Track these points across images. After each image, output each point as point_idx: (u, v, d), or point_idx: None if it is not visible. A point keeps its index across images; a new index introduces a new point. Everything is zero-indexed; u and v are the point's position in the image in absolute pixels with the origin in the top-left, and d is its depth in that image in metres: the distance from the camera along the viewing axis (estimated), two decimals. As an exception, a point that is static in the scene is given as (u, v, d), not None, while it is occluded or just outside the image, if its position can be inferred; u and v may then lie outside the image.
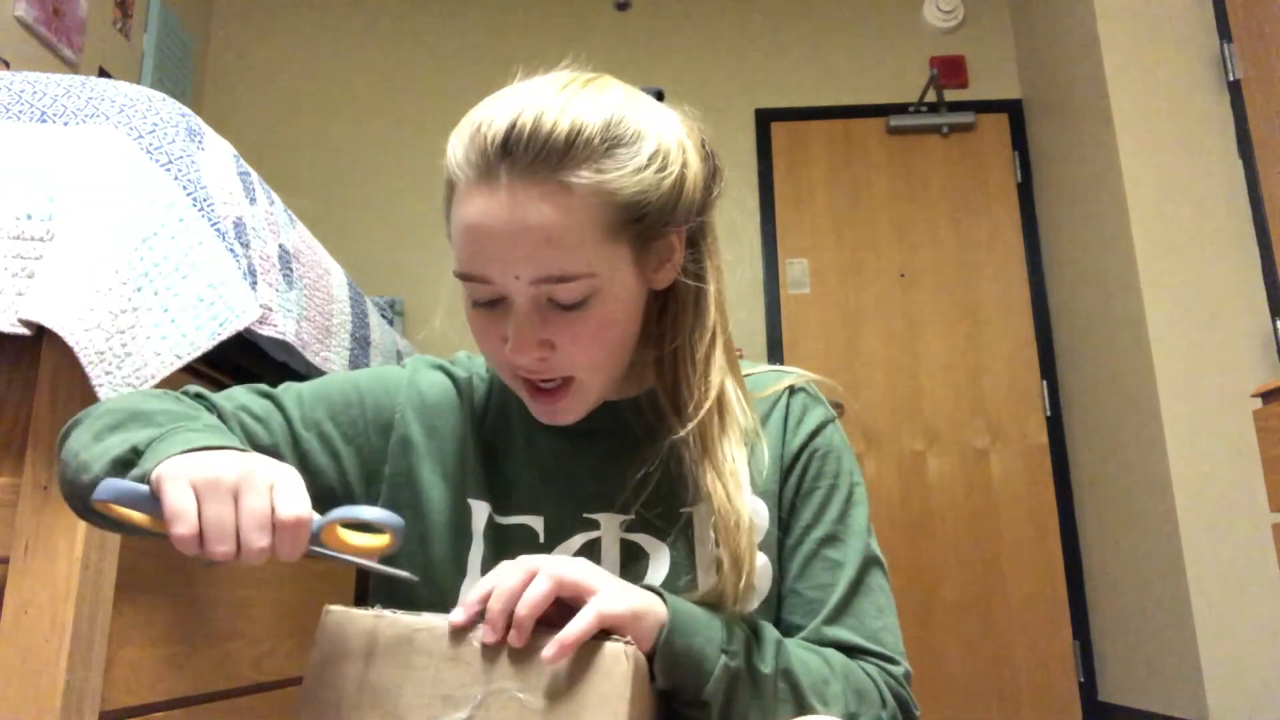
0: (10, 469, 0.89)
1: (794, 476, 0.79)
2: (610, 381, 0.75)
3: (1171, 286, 2.61)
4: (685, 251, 0.76)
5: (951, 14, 3.68)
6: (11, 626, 0.84)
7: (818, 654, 0.72)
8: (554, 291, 0.68)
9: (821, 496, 0.79)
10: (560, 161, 0.66)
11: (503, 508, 0.79)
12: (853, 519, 0.79)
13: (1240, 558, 2.40)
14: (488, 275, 0.68)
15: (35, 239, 0.91)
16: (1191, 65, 2.73)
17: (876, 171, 3.59)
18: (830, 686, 0.70)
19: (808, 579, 0.76)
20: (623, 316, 0.72)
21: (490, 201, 0.66)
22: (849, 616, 0.75)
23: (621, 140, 0.68)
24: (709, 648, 0.65)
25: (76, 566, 0.86)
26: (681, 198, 0.72)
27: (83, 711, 0.86)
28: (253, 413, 0.78)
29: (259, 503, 0.57)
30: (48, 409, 0.89)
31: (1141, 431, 2.65)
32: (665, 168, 0.70)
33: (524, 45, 3.75)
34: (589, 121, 0.67)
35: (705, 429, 0.74)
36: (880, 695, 0.72)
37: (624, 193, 0.68)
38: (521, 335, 0.69)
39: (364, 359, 1.56)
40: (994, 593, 3.20)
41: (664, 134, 0.72)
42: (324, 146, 3.69)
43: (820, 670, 0.70)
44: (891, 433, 3.35)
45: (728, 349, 0.78)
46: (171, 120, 1.04)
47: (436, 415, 0.82)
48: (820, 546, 0.77)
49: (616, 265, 0.70)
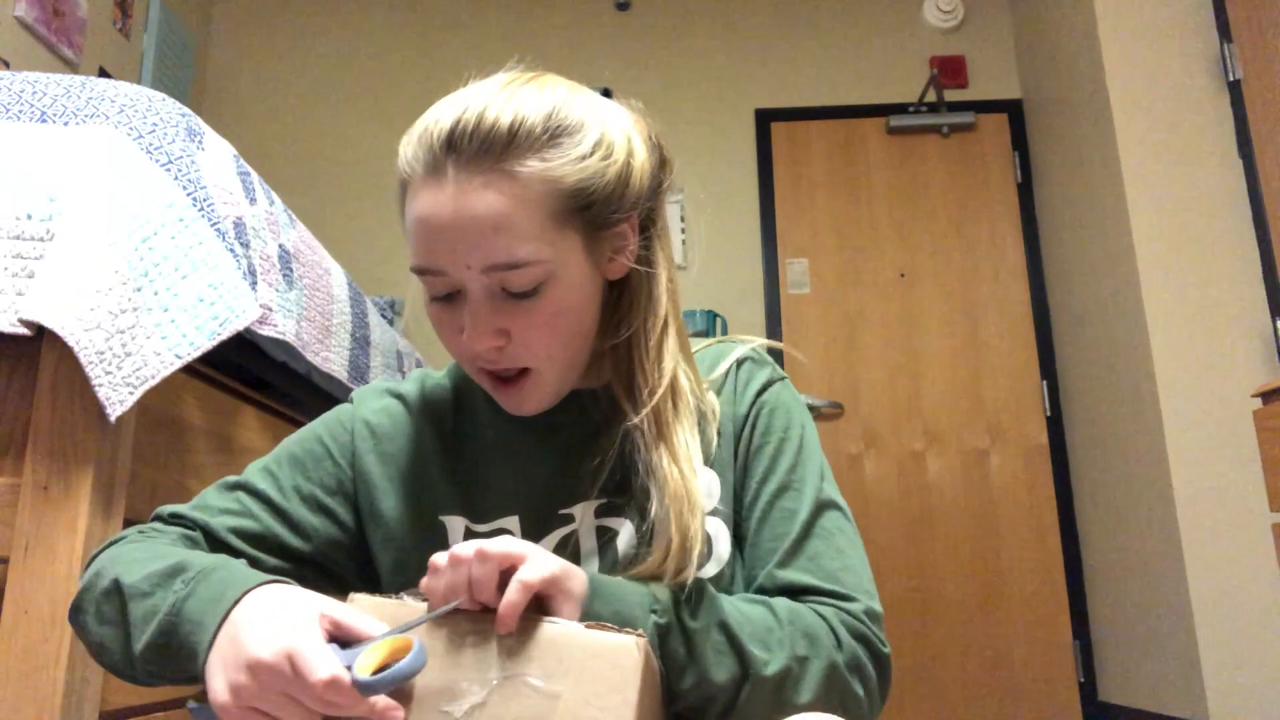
0: (10, 469, 0.89)
1: (744, 437, 0.79)
2: (570, 371, 0.76)
3: (1171, 286, 2.61)
4: (638, 240, 0.77)
5: (951, 14, 3.68)
6: (11, 626, 0.84)
7: (761, 603, 0.71)
8: (506, 279, 0.69)
9: (772, 450, 0.79)
10: (504, 152, 0.68)
11: (479, 515, 0.79)
12: (805, 467, 0.78)
13: (1240, 558, 2.40)
14: (441, 267, 0.70)
15: (35, 239, 0.91)
16: (1191, 65, 2.73)
17: (876, 171, 3.59)
18: (773, 634, 0.68)
19: (765, 531, 0.76)
20: (576, 304, 0.73)
21: (439, 194, 0.69)
22: (801, 558, 0.74)
23: (563, 130, 0.70)
24: (636, 610, 0.65)
25: (76, 566, 0.86)
26: (629, 186, 0.74)
27: (83, 711, 0.86)
28: (233, 512, 0.78)
29: (296, 689, 0.56)
30: (48, 409, 0.89)
31: (1141, 431, 2.65)
32: (609, 156, 0.72)
33: (524, 45, 3.75)
34: (530, 113, 0.69)
35: (660, 414, 0.75)
36: (835, 636, 0.70)
37: (568, 180, 0.70)
38: (477, 323, 0.70)
39: (364, 359, 1.57)
40: (994, 593, 3.20)
41: (607, 125, 0.74)
42: (324, 146, 3.69)
43: (762, 619, 0.69)
44: (891, 433, 3.35)
45: (680, 334, 0.79)
46: (171, 120, 1.04)
47: (388, 441, 0.82)
48: (775, 498, 0.77)
49: (567, 253, 0.71)
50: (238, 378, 1.25)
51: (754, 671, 0.66)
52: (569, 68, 0.79)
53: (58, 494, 0.87)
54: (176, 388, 1.06)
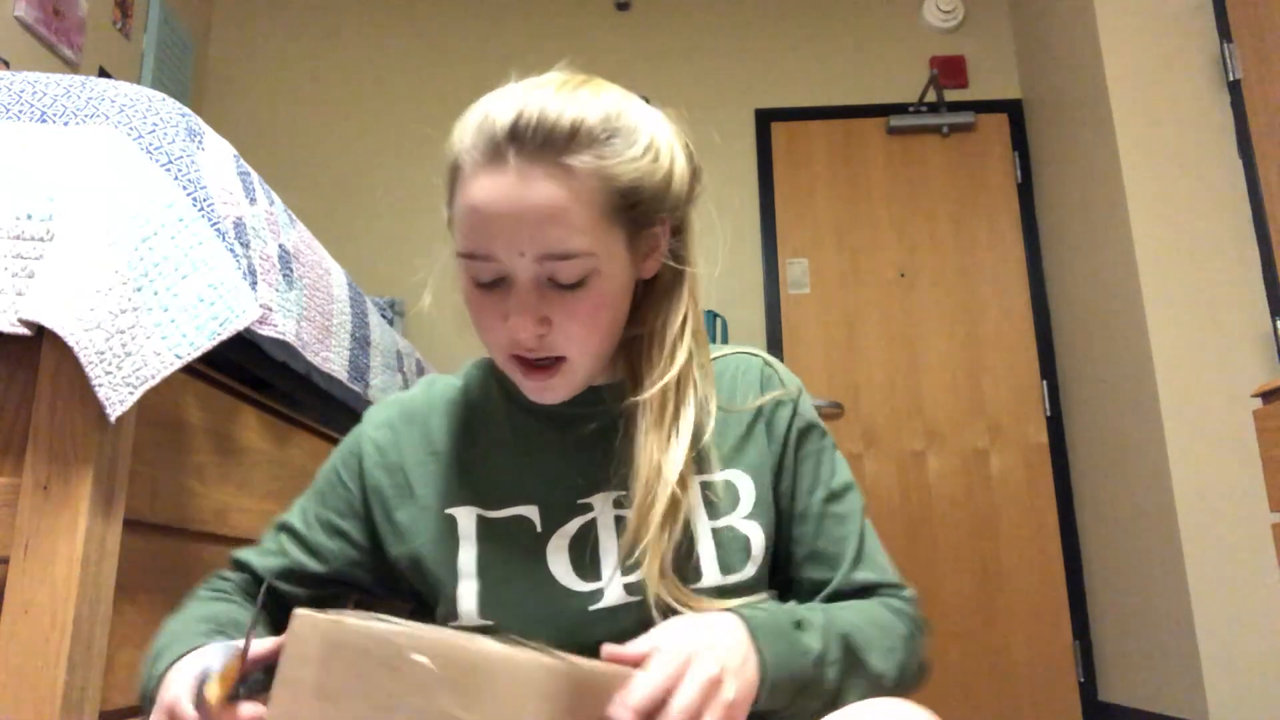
0: (10, 469, 0.89)
1: (787, 448, 0.85)
2: (597, 363, 0.79)
3: (1171, 286, 2.61)
4: (669, 242, 0.81)
5: (951, 14, 3.68)
6: (11, 626, 0.84)
7: (864, 613, 0.78)
8: (556, 269, 0.71)
9: (813, 463, 0.85)
10: (565, 146, 0.70)
11: (492, 503, 0.81)
12: (840, 472, 0.86)
13: (1240, 558, 2.40)
14: (492, 252, 0.71)
15: (35, 239, 0.91)
16: (1191, 65, 2.73)
17: (876, 171, 3.59)
18: (881, 641, 0.77)
19: (824, 537, 0.83)
20: (616, 299, 0.76)
21: (498, 181, 0.70)
22: (866, 560, 0.83)
23: (620, 131, 0.73)
24: (809, 669, 0.71)
25: (76, 566, 0.86)
26: (670, 189, 0.78)
27: (83, 711, 0.86)
28: (272, 552, 0.87)
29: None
30: (48, 409, 0.89)
31: (1141, 431, 2.65)
32: (658, 159, 0.76)
33: (524, 45, 3.75)
34: (590, 113, 0.72)
35: (664, 402, 0.78)
36: (910, 626, 0.80)
37: (623, 178, 0.73)
38: (523, 310, 0.72)
39: (364, 359, 1.56)
40: (994, 593, 3.20)
41: (656, 130, 0.77)
42: (324, 146, 3.69)
43: (870, 629, 0.77)
44: (891, 433, 3.35)
45: (698, 335, 0.83)
46: (171, 120, 1.04)
47: (393, 452, 0.85)
48: (826, 505, 0.84)
49: (613, 248, 0.74)
50: (238, 378, 1.25)
51: (878, 683, 0.75)
52: (569, 68, 0.80)
53: (58, 494, 0.87)
54: (176, 388, 1.06)
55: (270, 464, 1.31)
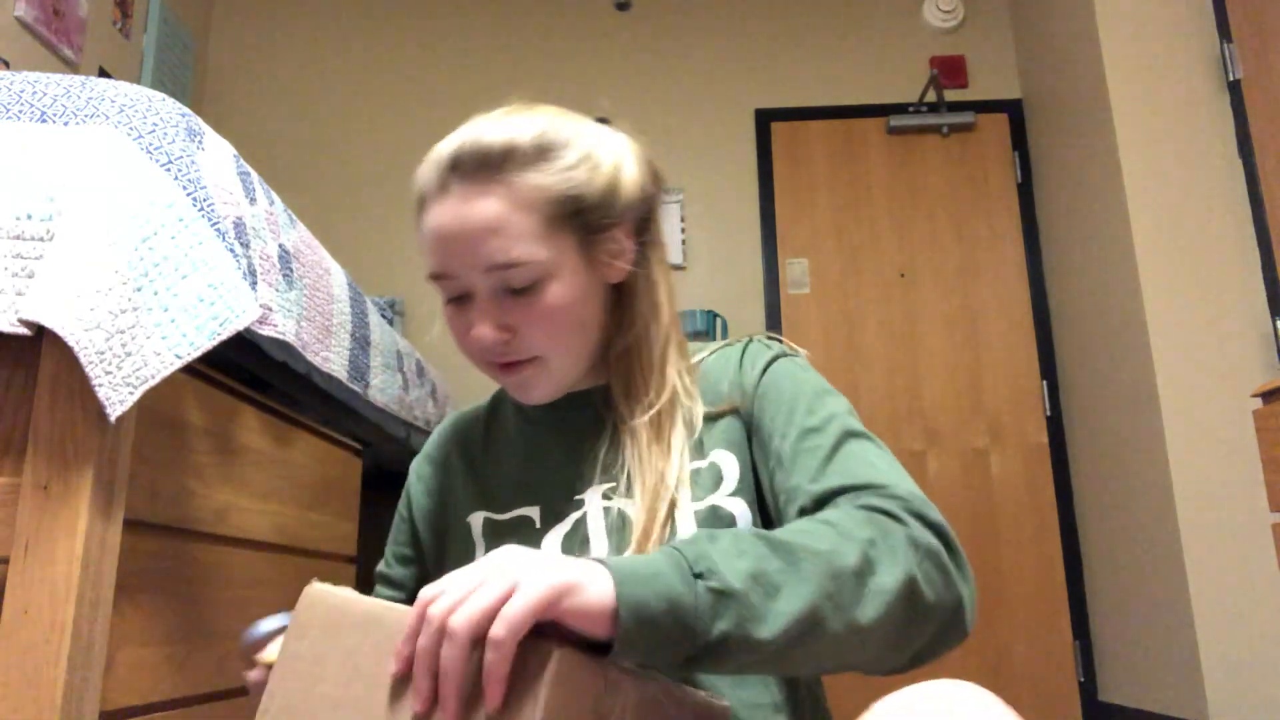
0: (10, 469, 0.89)
1: (756, 407, 0.82)
2: (575, 363, 0.83)
3: (1171, 286, 2.61)
4: (634, 247, 0.85)
5: (951, 14, 3.68)
6: (11, 626, 0.84)
7: (803, 520, 0.66)
8: (506, 278, 0.77)
9: (786, 408, 0.79)
10: (500, 165, 0.78)
11: (499, 505, 0.87)
12: (824, 409, 0.78)
13: (1240, 558, 2.40)
14: (449, 270, 0.79)
15: (35, 239, 0.91)
16: (1191, 65, 2.73)
17: (876, 171, 3.59)
18: (831, 529, 0.63)
19: (796, 472, 0.75)
20: (573, 300, 0.80)
21: (446, 206, 0.78)
22: (831, 472, 0.72)
23: (553, 146, 0.79)
24: (676, 583, 0.55)
25: (76, 566, 0.86)
26: (617, 196, 0.82)
27: (83, 711, 0.86)
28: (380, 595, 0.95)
29: None
30: (48, 409, 0.89)
31: (1141, 431, 2.65)
32: (597, 168, 0.81)
33: (524, 45, 3.75)
34: (522, 133, 0.79)
35: (658, 421, 0.82)
36: (889, 514, 0.66)
37: (557, 187, 0.78)
38: (484, 318, 0.79)
39: (364, 359, 1.56)
40: (994, 593, 3.20)
41: (596, 143, 0.82)
42: (324, 146, 3.69)
43: (810, 526, 0.64)
44: (891, 433, 3.35)
45: (680, 344, 0.87)
46: (171, 120, 1.04)
47: (430, 479, 0.94)
48: (799, 442, 0.76)
49: (563, 254, 0.79)
50: (238, 378, 1.25)
51: (837, 567, 0.59)
52: (569, 68, 0.82)
53: (58, 494, 0.87)
54: (176, 388, 1.06)
55: (270, 464, 1.31)
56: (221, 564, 1.16)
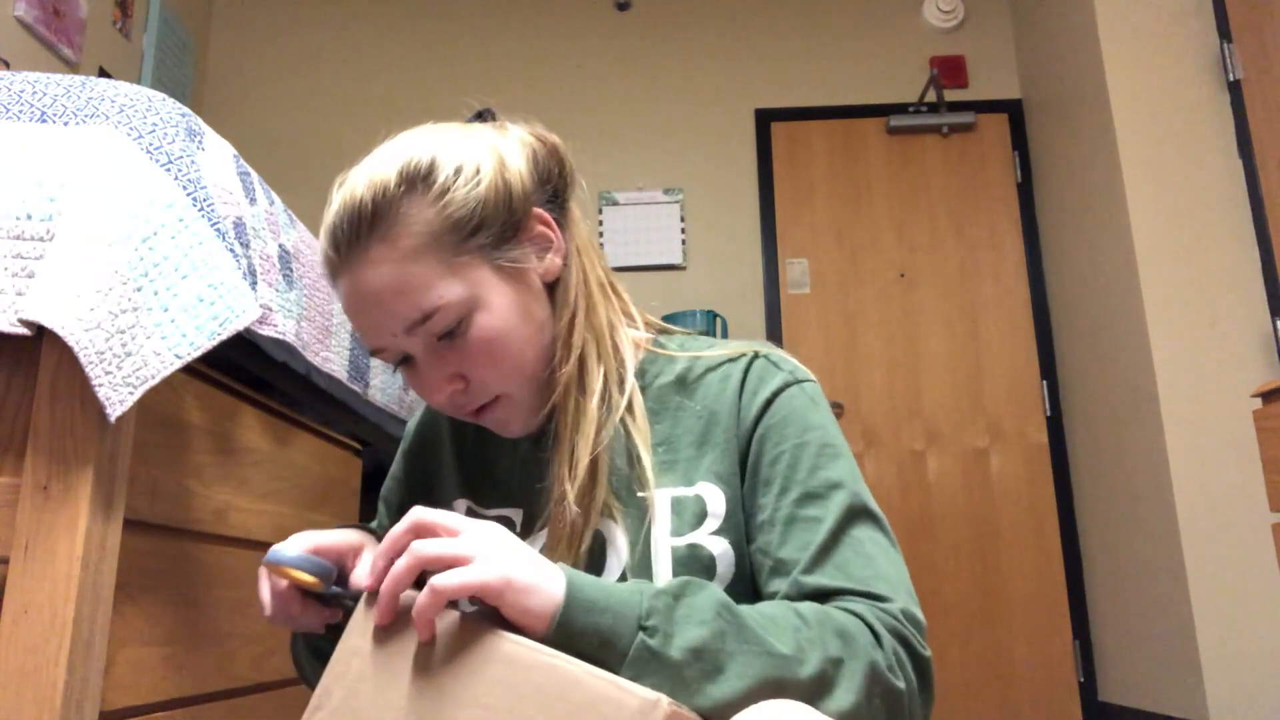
0: (10, 469, 0.89)
1: (754, 447, 0.76)
2: (538, 386, 0.79)
3: (1171, 286, 2.61)
4: (561, 234, 0.80)
5: (951, 14, 3.68)
6: (11, 626, 0.84)
7: (782, 605, 0.65)
8: (429, 329, 0.73)
9: (788, 459, 0.74)
10: (373, 226, 0.72)
11: (484, 500, 0.85)
12: (828, 472, 0.73)
13: (1240, 558, 2.40)
14: (379, 344, 0.76)
15: (35, 239, 0.91)
16: (1191, 65, 2.73)
17: (876, 171, 3.60)
18: (802, 633, 0.61)
19: (789, 543, 0.70)
20: (506, 323, 0.75)
21: (343, 287, 0.75)
22: (828, 565, 0.68)
23: (416, 177, 0.73)
24: (622, 627, 0.58)
25: (76, 566, 0.86)
26: (510, 196, 0.76)
27: (83, 711, 0.85)
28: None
29: None
30: (48, 409, 0.89)
31: (1141, 431, 2.65)
32: (475, 177, 0.74)
33: (524, 45, 3.75)
34: (384, 175, 0.73)
35: (568, 386, 0.78)
36: (873, 633, 0.64)
37: (438, 219, 0.73)
38: (430, 377, 0.76)
39: (364, 359, 1.56)
40: (994, 593, 3.20)
41: (462, 152, 0.76)
42: (324, 146, 3.69)
43: (786, 618, 0.62)
44: (891, 433, 3.35)
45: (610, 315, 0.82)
46: (171, 120, 1.04)
47: (420, 446, 0.93)
48: (797, 508, 0.71)
49: (476, 281, 0.74)
50: (238, 378, 1.25)
51: (786, 675, 0.59)
52: (569, 68, 0.81)
53: (58, 494, 0.87)
54: (176, 388, 1.06)
55: (270, 464, 1.31)
56: (221, 564, 1.16)
